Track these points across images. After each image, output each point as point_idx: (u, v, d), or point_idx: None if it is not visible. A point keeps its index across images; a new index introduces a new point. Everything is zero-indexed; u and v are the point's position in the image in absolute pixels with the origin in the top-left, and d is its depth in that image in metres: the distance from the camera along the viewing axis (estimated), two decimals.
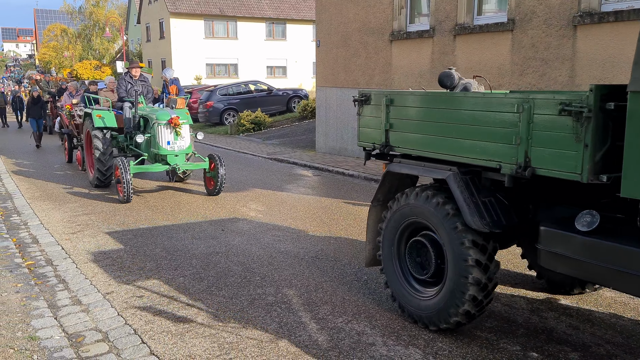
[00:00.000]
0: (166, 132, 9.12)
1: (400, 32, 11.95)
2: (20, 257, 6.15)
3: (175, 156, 9.18)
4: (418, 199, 4.23)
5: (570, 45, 8.71)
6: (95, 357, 3.92)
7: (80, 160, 12.38)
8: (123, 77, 10.69)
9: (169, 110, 9.45)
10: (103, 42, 51.02)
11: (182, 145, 9.24)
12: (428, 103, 4.32)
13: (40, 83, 24.07)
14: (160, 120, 9.12)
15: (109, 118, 10.12)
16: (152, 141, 9.29)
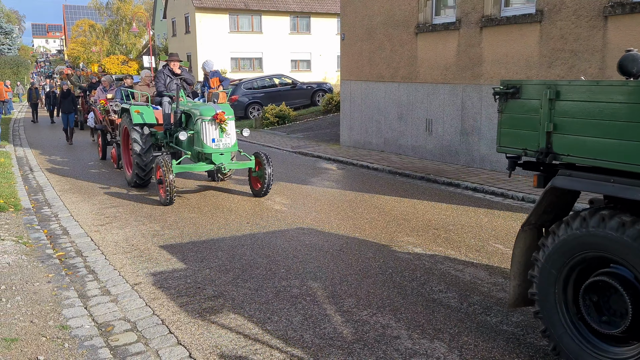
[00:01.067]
0: (211, 128, 8.48)
1: (425, 25, 11.84)
2: (52, 248, 6.29)
3: (220, 155, 8.56)
4: (605, 226, 3.17)
5: (601, 36, 8.54)
6: (124, 346, 4.00)
7: (116, 158, 11.86)
8: (162, 70, 10.14)
9: (214, 105, 8.82)
10: (130, 37, 51.68)
11: (228, 142, 8.59)
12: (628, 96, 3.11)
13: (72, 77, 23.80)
14: (205, 116, 8.48)
15: (147, 114, 9.53)
16: (196, 138, 8.69)
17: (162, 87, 9.81)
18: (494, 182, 9.47)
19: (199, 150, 8.66)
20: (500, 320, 4.34)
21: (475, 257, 5.87)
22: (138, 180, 9.51)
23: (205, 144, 8.49)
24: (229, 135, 8.60)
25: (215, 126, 8.49)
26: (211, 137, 8.49)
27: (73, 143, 16.86)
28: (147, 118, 9.46)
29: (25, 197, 8.87)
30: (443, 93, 11.56)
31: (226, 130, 8.54)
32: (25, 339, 4.08)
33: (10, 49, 57.66)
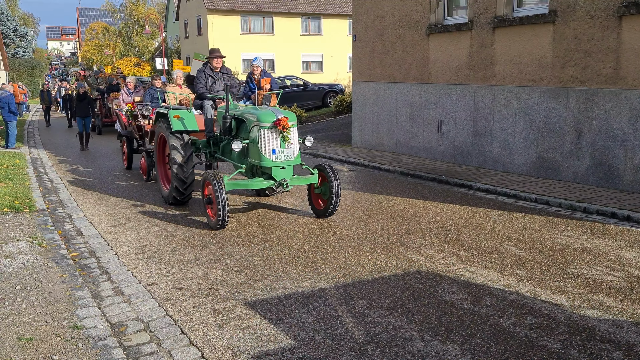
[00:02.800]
0: (271, 137, 7.07)
1: (437, 26, 11.80)
2: (66, 249, 6.35)
3: (281, 169, 7.14)
4: None
5: (615, 36, 8.46)
6: (137, 346, 4.02)
7: (145, 169, 10.64)
8: (202, 69, 8.88)
9: (273, 110, 7.35)
10: (143, 39, 52.02)
11: (291, 154, 7.18)
12: None
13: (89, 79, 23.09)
14: (264, 123, 7.07)
15: (189, 119, 8.31)
16: (251, 149, 7.30)
17: (204, 88, 8.68)
18: (507, 183, 9.42)
19: (255, 163, 7.28)
20: (513, 323, 4.31)
21: (487, 259, 5.84)
22: (177, 195, 8.26)
23: (264, 155, 7.08)
24: (291, 145, 7.19)
25: (275, 134, 7.08)
26: (271, 148, 7.07)
27: (89, 149, 15.75)
28: (188, 124, 8.30)
29: (39, 198, 8.97)
30: (455, 94, 11.52)
31: (289, 139, 7.12)
32: (40, 338, 4.12)
33: (25, 52, 58.33)
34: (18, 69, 46.57)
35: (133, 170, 11.97)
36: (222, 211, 6.76)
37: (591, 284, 5.12)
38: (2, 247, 6.27)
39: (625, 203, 7.83)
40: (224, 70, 8.98)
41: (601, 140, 8.86)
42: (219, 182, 6.81)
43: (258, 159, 7.19)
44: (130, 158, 12.14)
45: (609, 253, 6.03)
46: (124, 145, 12.30)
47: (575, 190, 8.72)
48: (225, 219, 6.86)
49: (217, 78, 8.81)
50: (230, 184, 7.15)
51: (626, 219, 7.30)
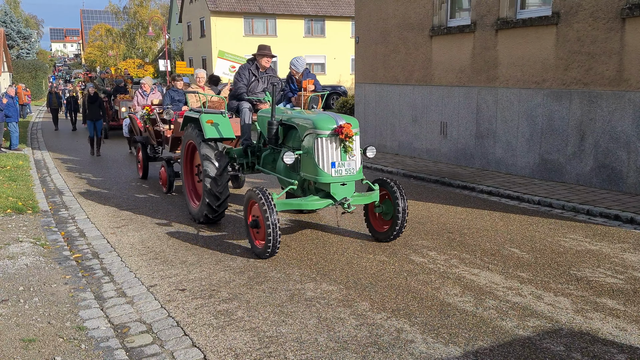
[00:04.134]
0: (330, 147, 5.90)
1: (440, 28, 11.80)
2: (69, 250, 6.36)
3: (341, 185, 5.98)
4: None
5: (618, 38, 8.45)
6: (140, 348, 4.03)
7: (165, 180, 9.52)
8: (247, 66, 7.82)
9: (333, 115, 6.11)
10: (146, 41, 52.15)
11: (353, 167, 6.00)
12: None
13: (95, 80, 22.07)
14: (321, 130, 5.89)
15: (224, 125, 7.16)
16: (305, 161, 6.13)
17: (244, 88, 7.62)
18: (510, 185, 9.41)
19: (309, 179, 6.11)
20: (516, 325, 4.30)
21: (490, 261, 5.84)
22: (210, 213, 7.17)
23: (321, 169, 5.90)
24: (353, 157, 5.99)
25: (335, 144, 5.92)
26: (330, 160, 5.90)
27: (101, 154, 14.83)
28: (223, 131, 7.12)
29: (43, 200, 8.98)
30: (458, 96, 11.51)
31: (351, 150, 5.94)
32: (43, 339, 4.13)
33: (29, 53, 58.51)
34: (22, 71, 46.71)
35: (149, 180, 10.95)
36: (272, 236, 5.65)
37: (594, 287, 5.11)
38: (5, 248, 6.29)
39: (629, 205, 7.81)
40: (269, 72, 7.95)
41: (604, 143, 8.85)
42: (268, 201, 5.70)
43: (313, 174, 5.99)
44: (146, 167, 11.05)
45: (612, 255, 6.01)
46: (139, 152, 11.12)
47: (578, 193, 8.71)
48: (277, 246, 5.73)
49: (260, 79, 7.83)
50: (281, 203, 5.99)
51: (630, 221, 7.28)
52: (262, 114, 7.31)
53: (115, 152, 15.51)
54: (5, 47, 37.82)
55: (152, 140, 10.79)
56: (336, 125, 5.90)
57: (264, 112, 7.33)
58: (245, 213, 6.24)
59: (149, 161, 11.02)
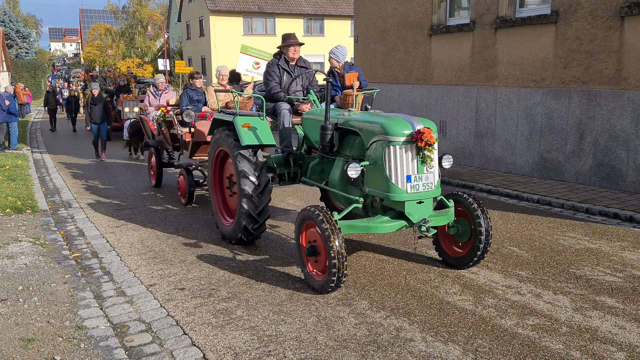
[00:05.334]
0: (405, 157, 4.89)
1: (439, 26, 11.80)
2: (68, 250, 6.36)
3: (418, 203, 4.97)
4: None
5: (617, 37, 8.45)
6: (139, 347, 4.03)
7: (185, 190, 8.57)
8: (274, 62, 6.88)
9: (406, 117, 5.05)
10: (145, 41, 52.12)
11: (431, 182, 5.00)
12: None
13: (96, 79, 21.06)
14: (394, 136, 4.86)
15: (263, 130, 6.14)
16: (371, 174, 5.09)
17: (278, 87, 6.73)
18: (509, 184, 9.41)
19: (378, 195, 5.08)
20: (516, 324, 4.30)
21: (489, 260, 5.83)
22: (245, 235, 6.19)
23: (394, 184, 4.88)
24: (431, 169, 4.99)
25: (412, 154, 4.90)
26: (405, 173, 4.89)
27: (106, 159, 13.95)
28: (263, 137, 6.10)
29: (42, 199, 8.98)
30: (457, 95, 11.51)
31: (431, 160, 4.91)
32: (42, 339, 4.13)
33: (28, 53, 58.49)
34: (21, 70, 46.70)
35: (165, 190, 9.98)
36: (337, 266, 4.61)
37: (593, 285, 5.11)
38: (4, 247, 6.29)
39: (628, 204, 7.82)
40: (301, 63, 7.00)
41: (604, 141, 8.85)
42: (331, 223, 4.71)
43: (383, 189, 4.97)
44: (160, 174, 10.05)
45: (611, 254, 6.02)
46: (151, 157, 10.22)
47: (577, 191, 8.71)
48: (342, 278, 4.71)
49: (294, 73, 6.83)
50: (346, 225, 4.98)
51: (629, 219, 7.28)
52: (309, 116, 6.26)
53: (118, 153, 14.89)
54: (4, 46, 37.80)
55: (167, 145, 9.72)
56: (413, 130, 4.86)
57: (310, 113, 6.29)
58: (298, 237, 5.15)
59: (162, 167, 10.06)
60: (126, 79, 20.19)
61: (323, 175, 6.11)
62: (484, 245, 5.30)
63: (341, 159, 5.61)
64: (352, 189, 5.47)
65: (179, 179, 8.76)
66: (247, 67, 8.65)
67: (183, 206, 6.71)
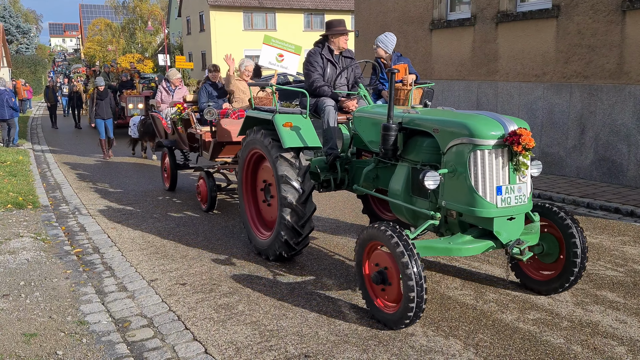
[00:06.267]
0: (495, 165, 4.08)
1: (440, 21, 11.77)
2: (69, 245, 6.37)
3: (508, 220, 4.19)
4: None
5: (619, 31, 8.42)
6: (141, 342, 4.04)
7: (205, 196, 7.84)
8: (317, 51, 6.02)
9: (495, 116, 4.22)
10: (146, 36, 52.04)
11: (524, 194, 4.20)
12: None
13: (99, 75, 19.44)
14: (483, 138, 4.05)
15: (307, 129, 5.44)
16: (452, 184, 4.26)
17: (321, 80, 5.89)
18: None
19: (459, 209, 4.26)
20: (517, 318, 4.31)
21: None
22: (286, 250, 5.45)
23: (482, 197, 4.08)
24: (524, 178, 4.19)
25: (504, 160, 4.10)
26: (495, 184, 4.09)
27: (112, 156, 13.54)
28: (307, 138, 5.38)
29: (43, 195, 8.99)
30: (458, 89, 11.50)
31: (526, 168, 4.11)
32: (44, 334, 4.14)
33: (28, 49, 58.42)
34: (21, 66, 46.66)
35: (181, 194, 9.24)
36: (416, 297, 3.83)
37: (594, 279, 5.11)
38: (6, 243, 6.30)
39: (629, 198, 7.82)
40: (346, 53, 6.18)
41: (605, 136, 8.84)
42: (407, 245, 3.90)
43: (466, 202, 4.16)
44: (175, 176, 9.27)
45: (612, 248, 6.02)
46: (165, 159, 9.51)
47: (578, 186, 8.71)
48: (421, 311, 3.92)
49: (339, 65, 6.04)
50: (423, 247, 4.16)
51: (630, 214, 7.28)
52: (362, 113, 5.37)
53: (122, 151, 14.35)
54: (4, 42, 37.76)
55: (183, 145, 9.01)
56: (505, 131, 4.05)
57: (364, 111, 5.40)
58: (360, 260, 4.39)
59: (177, 170, 9.29)
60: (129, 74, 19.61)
61: (377, 183, 5.33)
62: (579, 269, 4.46)
63: (405, 164, 4.77)
64: (418, 200, 4.65)
65: (199, 183, 8.01)
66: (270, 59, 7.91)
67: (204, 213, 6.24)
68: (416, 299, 3.82)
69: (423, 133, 4.63)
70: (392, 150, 4.79)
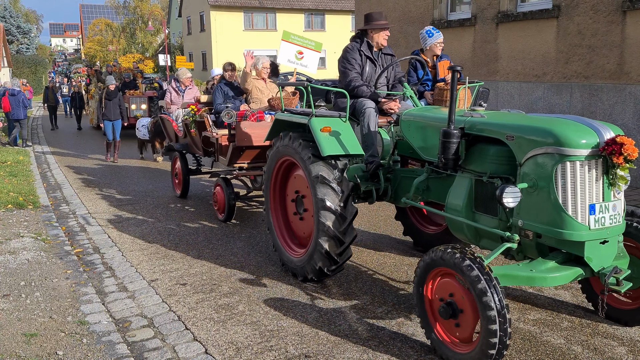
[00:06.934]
0: (588, 179, 3.52)
1: (441, 21, 11.77)
2: (70, 245, 6.37)
3: (600, 244, 3.62)
4: None
5: (619, 31, 8.42)
6: (141, 342, 4.04)
7: (223, 204, 7.27)
8: (355, 47, 5.43)
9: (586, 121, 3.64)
10: (146, 36, 52.09)
11: (618, 212, 3.71)
12: None
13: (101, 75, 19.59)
14: (573, 148, 3.47)
15: (347, 135, 4.89)
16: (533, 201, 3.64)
17: (359, 79, 5.33)
18: None
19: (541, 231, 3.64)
20: (517, 318, 4.31)
21: None
22: (326, 264, 4.81)
23: (571, 217, 3.50)
24: (619, 194, 3.70)
25: (597, 174, 3.54)
26: (588, 201, 3.52)
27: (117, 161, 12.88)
28: (348, 144, 4.84)
29: (43, 195, 9.00)
30: None
31: (625, 182, 3.61)
32: (45, 334, 4.14)
33: (29, 49, 58.42)
34: (21, 66, 46.66)
35: (195, 200, 8.70)
36: (498, 333, 3.22)
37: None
38: (6, 243, 6.30)
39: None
40: (386, 50, 5.66)
41: None
42: (486, 274, 3.30)
43: (551, 223, 3.54)
44: (187, 182, 8.66)
45: None
46: (175, 163, 8.89)
47: None
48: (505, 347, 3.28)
49: (378, 62, 5.52)
50: (503, 275, 3.52)
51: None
52: (412, 117, 4.75)
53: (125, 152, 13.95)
54: (4, 42, 37.79)
55: (195, 149, 8.42)
56: (600, 139, 3.47)
57: (412, 113, 4.80)
58: (422, 288, 3.79)
59: (189, 175, 8.68)
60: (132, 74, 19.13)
61: (427, 195, 4.69)
62: None
63: (466, 176, 4.12)
64: (483, 217, 4.03)
65: (215, 191, 7.44)
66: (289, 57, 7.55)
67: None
68: (499, 333, 3.21)
69: (490, 140, 3.98)
70: (453, 159, 4.08)
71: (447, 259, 3.47)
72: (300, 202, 5.27)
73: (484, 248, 4.18)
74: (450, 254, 3.46)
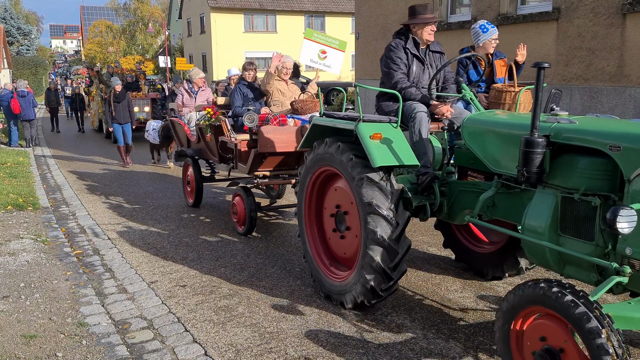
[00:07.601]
0: None
1: (441, 23, 11.77)
2: (69, 247, 6.37)
3: None
4: None
5: (619, 34, 8.43)
6: (141, 344, 4.04)
7: (244, 216, 6.71)
8: (400, 44, 4.94)
9: None
10: (146, 38, 52.13)
11: None
12: None
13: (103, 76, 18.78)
14: None
15: (399, 143, 4.29)
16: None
17: (405, 79, 4.86)
18: None
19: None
20: None
21: None
22: (368, 297, 4.28)
23: None
24: None
25: None
26: None
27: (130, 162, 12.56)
28: (401, 153, 4.23)
29: (43, 196, 9.00)
30: None
31: None
32: (44, 335, 4.14)
33: (29, 50, 58.47)
34: (22, 67, 46.71)
35: (209, 210, 8.16)
36: None
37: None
38: (6, 244, 6.30)
39: None
40: (435, 47, 5.18)
41: None
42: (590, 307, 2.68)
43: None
44: (200, 190, 8.10)
45: None
46: (187, 170, 8.34)
47: None
48: None
49: (426, 61, 5.03)
50: (620, 318, 2.85)
51: None
52: (477, 123, 4.10)
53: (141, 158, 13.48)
54: (5, 43, 37.82)
55: (210, 155, 7.87)
56: None
57: (477, 119, 4.16)
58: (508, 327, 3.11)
59: (202, 183, 8.11)
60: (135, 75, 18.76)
61: (493, 212, 4.08)
62: None
63: (549, 192, 3.48)
64: (570, 241, 3.36)
65: (235, 202, 6.90)
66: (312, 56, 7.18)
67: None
68: None
69: (582, 150, 3.34)
70: (537, 172, 3.42)
71: (551, 297, 2.79)
72: (341, 218, 4.63)
73: (569, 277, 3.52)
74: (553, 291, 2.78)
